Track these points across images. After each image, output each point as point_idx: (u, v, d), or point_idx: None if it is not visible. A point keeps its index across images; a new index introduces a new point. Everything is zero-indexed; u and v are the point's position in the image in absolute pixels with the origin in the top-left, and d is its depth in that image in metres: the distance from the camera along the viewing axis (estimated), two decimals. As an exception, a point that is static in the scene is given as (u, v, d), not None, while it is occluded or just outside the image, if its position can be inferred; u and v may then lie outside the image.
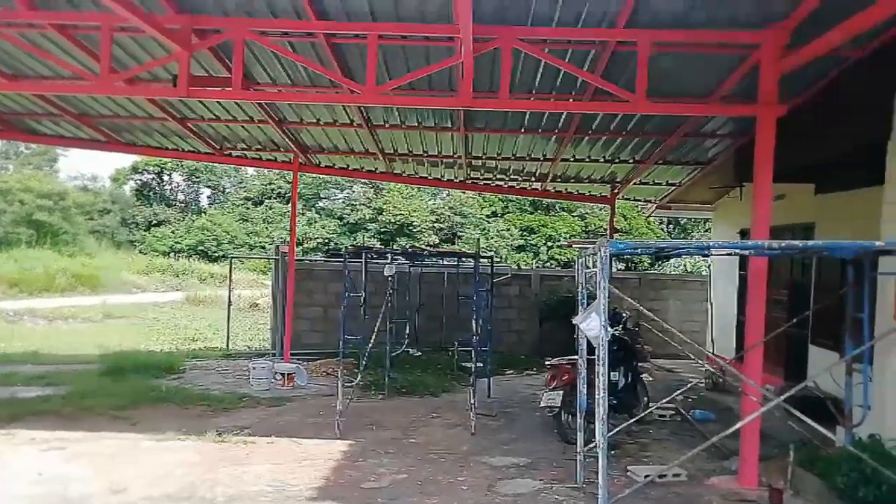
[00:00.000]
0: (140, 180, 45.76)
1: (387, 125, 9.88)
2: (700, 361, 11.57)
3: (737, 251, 5.94)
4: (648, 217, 27.64)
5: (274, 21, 6.20)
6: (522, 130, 9.85)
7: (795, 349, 10.20)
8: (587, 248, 6.06)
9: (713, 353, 12.43)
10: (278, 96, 7.76)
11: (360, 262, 9.71)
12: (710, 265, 12.94)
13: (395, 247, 32.31)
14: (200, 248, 38.88)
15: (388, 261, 9.19)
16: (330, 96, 7.50)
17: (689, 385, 8.72)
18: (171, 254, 38.23)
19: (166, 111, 9.40)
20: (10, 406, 8.27)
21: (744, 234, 11.39)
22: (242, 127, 10.34)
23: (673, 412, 9.10)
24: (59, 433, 7.29)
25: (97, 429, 7.53)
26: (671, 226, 37.34)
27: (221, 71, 7.03)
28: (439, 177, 13.35)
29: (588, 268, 6.27)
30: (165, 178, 46.76)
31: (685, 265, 24.40)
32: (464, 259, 11.90)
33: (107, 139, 11.10)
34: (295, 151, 11.48)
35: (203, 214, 43.63)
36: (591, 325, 5.19)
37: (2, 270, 26.05)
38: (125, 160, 45.83)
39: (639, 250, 5.63)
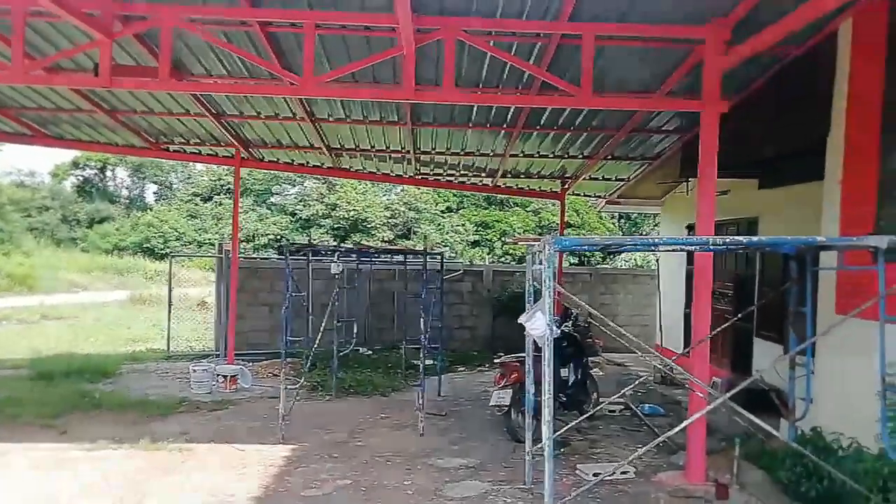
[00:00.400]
0: (81, 176, 44.04)
1: (331, 119, 9.60)
2: (649, 356, 11.76)
3: (683, 247, 5.92)
4: (601, 212, 27.96)
5: (203, 8, 5.88)
6: (470, 125, 9.71)
7: (741, 342, 10.38)
8: (534, 244, 5.94)
9: (662, 347, 12.61)
10: (208, 87, 7.42)
11: (304, 260, 9.40)
12: (657, 259, 13.09)
13: (349, 243, 31.93)
14: (146, 245, 37.61)
15: (335, 258, 8.91)
16: (265, 87, 7.20)
17: (639, 380, 8.75)
18: (115, 252, 36.88)
19: (94, 102, 8.89)
20: (-75, 417, 7.73)
21: (691, 229, 11.53)
22: (178, 120, 9.89)
23: (622, 407, 9.15)
24: (-22, 445, 6.82)
25: (23, 439, 7.07)
26: (622, 220, 37.94)
27: (151, 60, 6.66)
28: (388, 172, 13.13)
29: (538, 264, 6.17)
30: (109, 173, 45.13)
31: (636, 259, 24.76)
32: (413, 256, 11.70)
33: (33, 133, 10.47)
34: (236, 146, 11.07)
35: (149, 211, 42.22)
36: (536, 324, 5.07)
37: (-71, 271, 24.69)
38: (65, 155, 44.07)
39: (585, 247, 5.55)
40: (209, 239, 38.07)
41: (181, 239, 38.67)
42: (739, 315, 7.34)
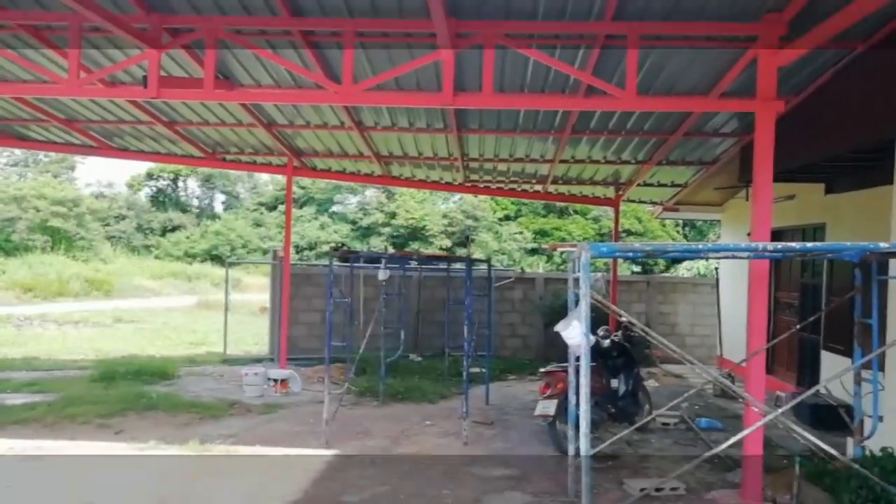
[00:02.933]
0: (155, 186, 46.25)
1: (378, 127, 9.68)
2: (708, 367, 11.25)
3: (734, 254, 5.63)
4: (661, 219, 27.15)
5: (247, 18, 6.02)
6: (517, 131, 9.59)
7: (808, 354, 9.84)
8: (571, 251, 5.78)
9: (723, 358, 12.09)
10: (251, 96, 7.60)
11: (354, 267, 9.48)
12: (717, 268, 12.57)
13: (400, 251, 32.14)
14: (214, 252, 39.08)
15: (382, 265, 8.95)
16: (306, 95, 7.32)
17: (694, 392, 8.39)
18: (186, 259, 38.44)
19: (152, 115, 9.28)
20: (-5, 414, 8.18)
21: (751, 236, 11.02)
22: (232, 130, 10.20)
23: (677, 420, 8.78)
24: (39, 442, 7.16)
25: (78, 438, 7.38)
26: (687, 228, 36.75)
27: (200, 72, 6.87)
28: (438, 180, 13.13)
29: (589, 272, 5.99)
30: (180, 184, 47.22)
31: (698, 268, 23.90)
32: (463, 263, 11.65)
33: (98, 144, 11.03)
34: (288, 155, 11.33)
35: (217, 220, 43.89)
36: (572, 332, 4.91)
37: (17, 276, 26.34)
38: (141, 167, 46.36)
39: (628, 253, 5.35)
40: (273, 246, 39.23)
41: (247, 246, 39.98)
42: (799, 325, 6.93)
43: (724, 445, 5.35)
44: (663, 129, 9.28)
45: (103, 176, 77.80)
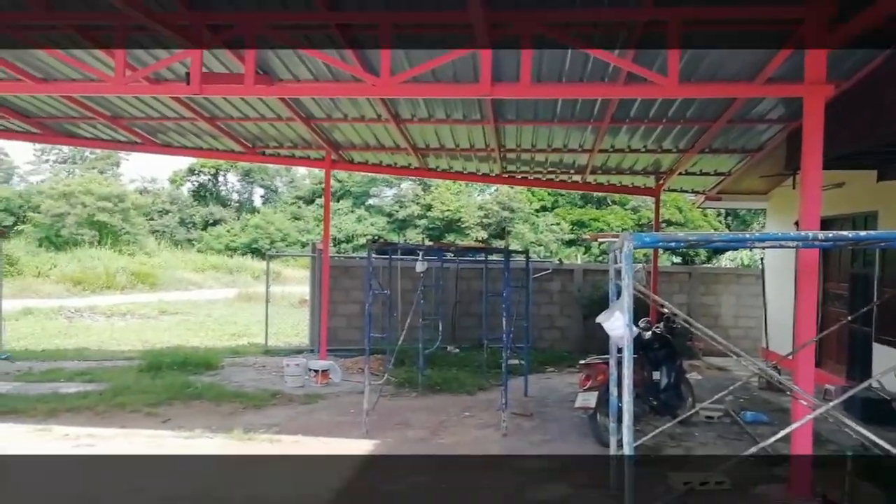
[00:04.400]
0: (197, 181, 47.31)
1: (415, 119, 9.68)
2: (753, 359, 10.98)
3: (781, 243, 5.46)
4: (703, 209, 26.59)
5: (285, 14, 6.08)
6: (555, 121, 9.47)
7: (859, 347, 9.54)
8: (614, 242, 5.69)
9: (768, 350, 11.80)
10: (290, 90, 7.68)
11: (391, 259, 9.54)
12: (762, 258, 12.26)
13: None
14: (254, 245, 39.82)
15: (419, 257, 8.98)
16: (344, 88, 7.35)
17: (740, 384, 8.22)
18: (226, 252, 39.26)
19: (194, 111, 9.46)
20: (50, 401, 8.49)
21: (799, 225, 10.72)
22: (271, 125, 10.34)
23: (721, 413, 8.61)
24: (92, 429, 7.42)
25: (129, 425, 7.63)
26: (730, 217, 35.94)
27: (241, 67, 6.97)
28: (475, 171, 13.10)
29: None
30: (221, 178, 48.21)
31: (741, 259, 23.35)
32: (499, 255, 11.62)
33: (143, 141, 11.32)
34: (326, 149, 11.44)
35: (257, 213, 44.69)
36: (615, 324, 4.85)
37: (66, 269, 27.26)
38: (182, 162, 47.48)
39: (671, 243, 5.24)
40: (311, 239, 39.78)
41: (286, 239, 40.63)
42: (850, 317, 6.71)
43: (771, 439, 5.22)
44: (706, 117, 9.06)
45: (147, 172, 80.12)
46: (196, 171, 46.25)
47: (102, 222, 35.23)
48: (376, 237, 36.14)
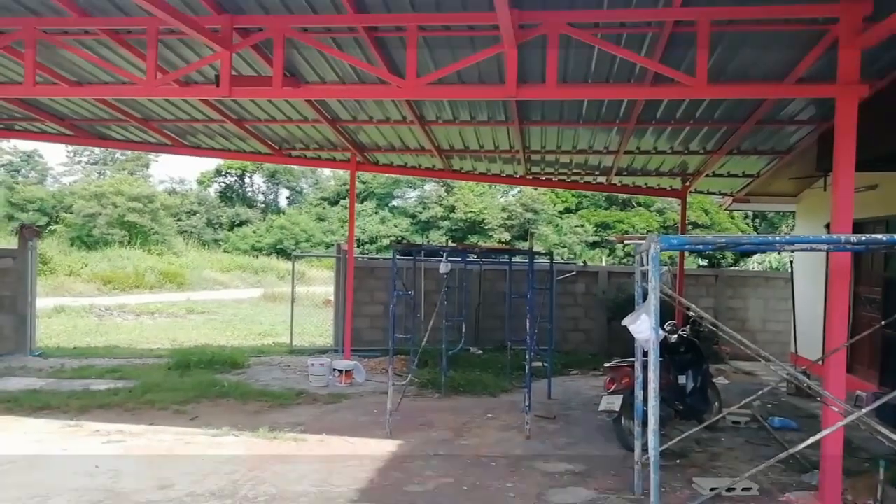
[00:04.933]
0: (224, 183, 47.95)
1: (439, 121, 9.72)
2: (782, 363, 10.78)
3: (812, 246, 5.37)
4: (729, 211, 26.22)
5: (313, 17, 6.15)
6: (581, 122, 9.43)
7: (893, 352, 9.32)
8: (641, 244, 5.65)
9: (797, 355, 11.59)
10: (317, 92, 7.76)
11: (415, 260, 9.57)
12: (791, 261, 12.06)
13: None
14: (279, 246, 40.22)
15: (443, 258, 9.00)
16: (370, 91, 7.42)
17: (767, 388, 8.09)
18: (252, 252, 39.72)
19: (223, 113, 9.61)
20: (82, 398, 8.68)
21: (830, 227, 10.52)
22: (298, 127, 10.46)
23: (749, 418, 8.49)
24: (122, 426, 7.56)
25: (157, 423, 7.76)
26: (757, 220, 35.42)
27: (269, 70, 7.07)
28: (499, 172, 13.08)
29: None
30: (247, 179, 48.80)
31: (769, 262, 22.97)
32: (523, 256, 11.58)
33: (172, 143, 11.52)
34: (352, 150, 11.52)
35: (282, 214, 45.15)
36: (641, 327, 4.81)
37: (97, 269, 27.80)
38: (210, 164, 48.16)
39: (699, 245, 5.18)
40: (336, 240, 40.09)
41: (310, 240, 40.97)
42: (884, 322, 6.57)
43: (801, 446, 5.15)
44: (734, 118, 8.95)
45: (175, 173, 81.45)
46: (223, 173, 46.89)
47: (132, 222, 35.88)
48: (400, 238, 36.31)
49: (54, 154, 70.29)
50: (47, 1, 6.12)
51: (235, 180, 48.05)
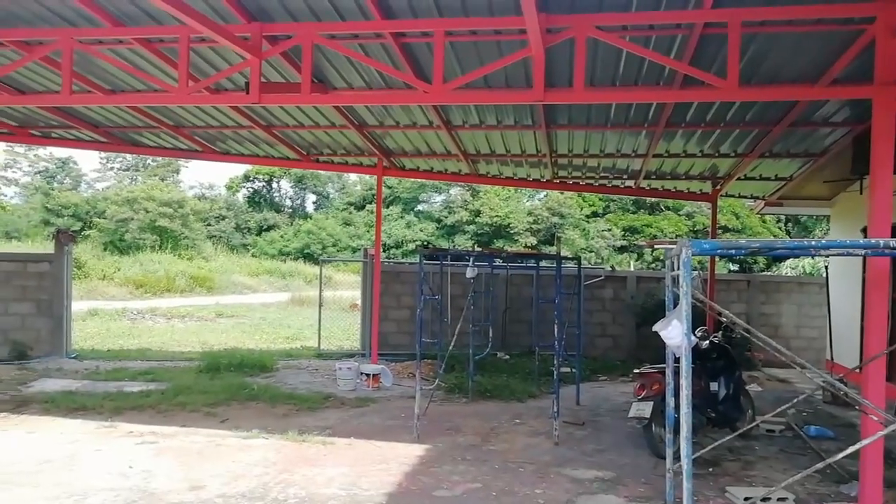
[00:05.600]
0: (251, 188, 48.62)
1: (466, 125, 9.72)
2: (819, 371, 10.52)
3: (849, 251, 5.23)
4: (761, 214, 25.74)
5: (340, 24, 6.20)
6: (608, 125, 9.35)
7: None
8: (671, 248, 5.56)
9: (833, 362, 11.32)
10: (345, 98, 7.82)
11: (442, 264, 9.58)
12: (826, 266, 11.79)
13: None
14: (306, 251, 40.59)
15: (470, 263, 9.00)
16: (397, 96, 7.46)
17: (803, 396, 7.91)
18: (280, 257, 40.16)
19: (252, 119, 9.74)
20: (116, 400, 8.85)
21: (867, 232, 10.27)
22: (325, 133, 10.55)
23: (783, 427, 8.31)
24: (154, 427, 7.68)
25: (189, 424, 7.87)
26: (790, 224, 34.71)
27: (297, 77, 7.14)
28: (525, 177, 13.03)
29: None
30: (275, 185, 49.39)
31: (803, 266, 22.49)
32: (549, 261, 11.52)
33: (203, 149, 11.71)
34: (378, 155, 11.59)
35: (309, 219, 45.58)
36: (672, 333, 4.73)
37: (129, 273, 28.36)
38: (238, 169, 48.82)
39: (731, 250, 5.08)
40: (362, 244, 40.32)
41: (337, 245, 41.28)
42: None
43: (839, 456, 4.99)
44: (766, 120, 8.79)
45: (204, 178, 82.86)
46: (251, 178, 47.54)
47: (163, 227, 36.54)
48: (426, 243, 36.37)
49: (88, 161, 72.16)
50: (83, 11, 6.27)
51: (263, 185, 48.68)
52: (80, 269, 25.34)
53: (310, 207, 51.73)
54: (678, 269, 4.95)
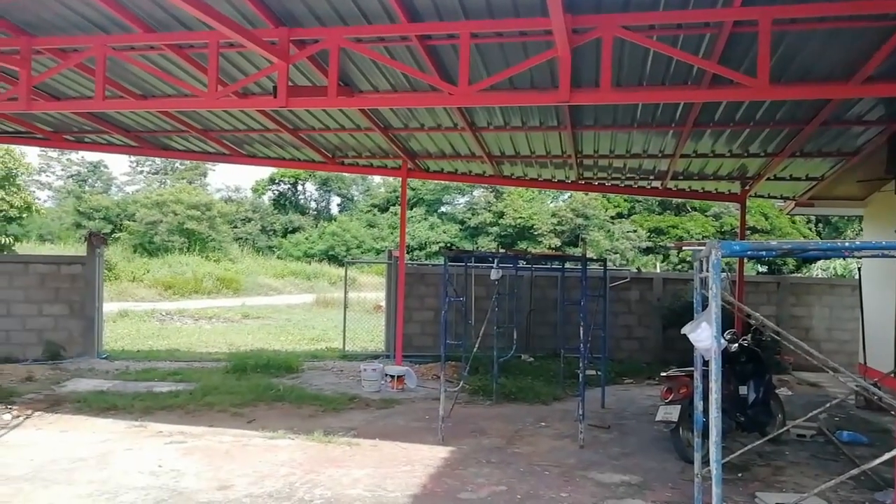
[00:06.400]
0: (277, 191, 49.18)
1: (490, 127, 9.71)
2: (852, 375, 10.28)
3: (884, 252, 5.10)
4: (791, 215, 25.29)
5: (366, 27, 6.24)
6: (635, 126, 9.27)
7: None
8: (699, 250, 5.48)
9: (866, 366, 11.07)
10: (371, 101, 7.87)
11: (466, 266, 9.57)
12: (859, 267, 11.54)
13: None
14: (331, 252, 40.90)
15: (494, 265, 8.96)
16: (423, 98, 7.47)
17: (835, 401, 7.75)
18: (305, 258, 40.52)
19: (279, 123, 9.85)
20: (146, 400, 9.00)
21: (901, 232, 10.03)
22: (351, 135, 10.63)
23: (815, 432, 8.14)
24: (183, 427, 7.79)
25: (216, 424, 7.97)
26: (821, 225, 34.07)
27: (324, 80, 7.20)
28: (550, 178, 12.97)
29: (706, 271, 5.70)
30: (300, 187, 49.88)
31: (834, 268, 22.03)
32: (575, 263, 11.45)
33: (230, 152, 11.87)
34: (403, 158, 11.63)
35: (334, 221, 45.93)
36: (701, 335, 4.66)
37: (158, 275, 28.83)
38: (264, 172, 49.44)
39: (761, 252, 4.99)
40: (386, 246, 40.49)
41: (361, 246, 41.52)
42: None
43: (874, 462, 4.87)
44: (797, 119, 8.63)
45: (231, 181, 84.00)
46: (276, 181, 48.08)
47: (191, 230, 37.11)
48: (449, 244, 36.40)
49: (118, 164, 73.58)
50: (116, 18, 6.40)
51: (288, 188, 49.20)
52: (111, 271, 25.83)
53: (334, 209, 52.15)
54: (707, 270, 4.88)
